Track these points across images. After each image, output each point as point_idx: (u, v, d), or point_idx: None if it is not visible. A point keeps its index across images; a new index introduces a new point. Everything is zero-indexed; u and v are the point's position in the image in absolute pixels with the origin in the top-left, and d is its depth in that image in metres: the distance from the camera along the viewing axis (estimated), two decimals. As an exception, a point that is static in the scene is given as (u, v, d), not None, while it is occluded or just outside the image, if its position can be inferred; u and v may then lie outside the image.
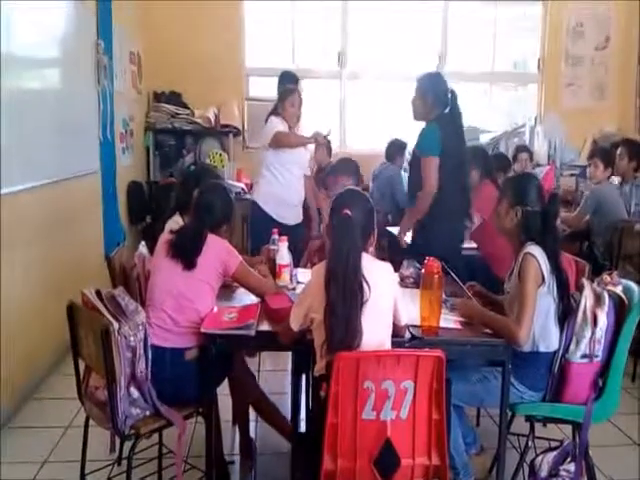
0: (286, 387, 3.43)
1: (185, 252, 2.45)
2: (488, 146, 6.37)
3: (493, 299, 2.69)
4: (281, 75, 5.01)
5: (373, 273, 2.02)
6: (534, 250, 2.34)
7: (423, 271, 2.37)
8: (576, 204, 5.11)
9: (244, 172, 6.24)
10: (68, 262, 4.02)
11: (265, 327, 2.33)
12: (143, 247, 2.92)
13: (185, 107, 6.28)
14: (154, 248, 2.61)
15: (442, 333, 2.31)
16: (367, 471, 1.88)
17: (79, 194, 4.34)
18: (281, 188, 4.21)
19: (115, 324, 2.06)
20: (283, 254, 2.86)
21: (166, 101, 6.25)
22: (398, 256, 3.19)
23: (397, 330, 2.17)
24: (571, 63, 6.94)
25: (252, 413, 2.87)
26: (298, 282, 2.85)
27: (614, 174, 4.79)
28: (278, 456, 2.93)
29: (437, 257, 2.43)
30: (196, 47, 6.31)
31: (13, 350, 3.23)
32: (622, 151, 4.73)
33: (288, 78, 4.94)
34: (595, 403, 2.35)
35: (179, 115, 6.20)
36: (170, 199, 3.10)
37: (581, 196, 5.28)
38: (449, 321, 2.39)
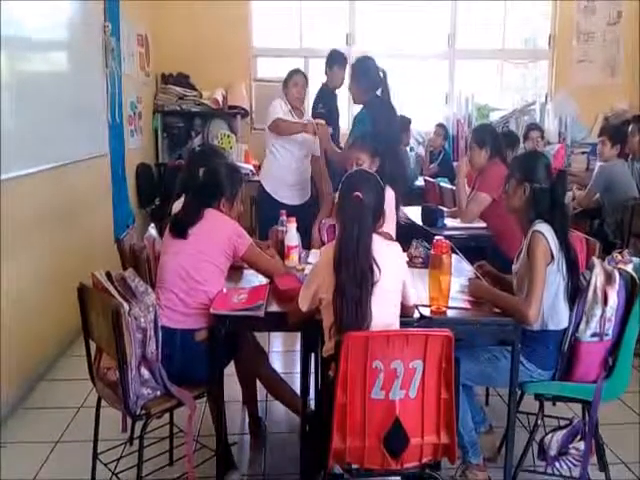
0: (295, 367, 3.45)
1: (178, 222, 2.49)
2: (498, 124, 6.33)
3: (502, 279, 2.67)
4: (329, 54, 4.92)
5: (382, 254, 2.02)
6: (542, 228, 2.33)
7: (432, 251, 2.36)
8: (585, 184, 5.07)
9: (252, 153, 6.23)
10: (78, 245, 4.04)
11: (274, 308, 2.33)
12: (152, 229, 2.93)
13: (193, 89, 6.26)
14: (163, 230, 2.62)
15: (451, 313, 2.31)
16: (376, 450, 1.89)
17: (88, 177, 4.35)
18: (279, 168, 4.22)
19: (126, 305, 2.07)
20: (291, 235, 2.86)
21: (174, 83, 6.23)
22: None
23: (405, 310, 2.17)
24: (582, 39, 6.82)
25: (260, 394, 2.89)
26: (307, 263, 2.86)
27: (626, 151, 4.74)
28: (287, 435, 2.95)
29: None
30: (203, 28, 6.28)
31: (25, 332, 3.27)
32: (633, 128, 4.69)
33: (335, 58, 4.85)
34: (605, 381, 2.34)
35: (187, 97, 6.19)
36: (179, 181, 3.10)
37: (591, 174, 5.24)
38: (458, 301, 2.39)
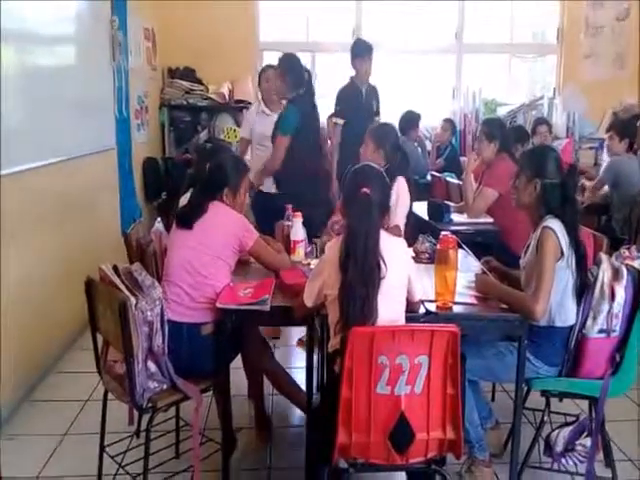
0: (300, 362, 3.46)
1: (184, 214, 2.51)
2: (505, 119, 6.29)
3: (509, 274, 2.66)
4: (353, 44, 4.74)
5: (388, 250, 2.01)
6: (553, 224, 2.31)
7: (438, 246, 2.36)
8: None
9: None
10: (85, 238, 4.05)
11: (280, 302, 2.33)
12: (159, 223, 2.94)
13: (199, 83, 6.25)
14: (170, 224, 2.63)
15: (457, 308, 2.31)
16: (381, 445, 1.88)
17: (95, 171, 4.35)
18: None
19: (132, 299, 2.08)
20: (297, 230, 2.86)
21: (180, 77, 6.23)
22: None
23: (411, 306, 2.17)
24: (591, 33, 6.77)
25: (266, 388, 2.89)
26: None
27: (635, 147, 4.71)
28: (293, 429, 2.96)
29: None
30: (210, 22, 6.25)
31: (32, 325, 3.28)
32: (642, 122, 4.66)
33: (359, 48, 4.67)
34: (611, 378, 2.33)
35: (194, 91, 6.17)
36: (185, 175, 3.11)
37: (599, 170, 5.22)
38: (464, 296, 2.38)
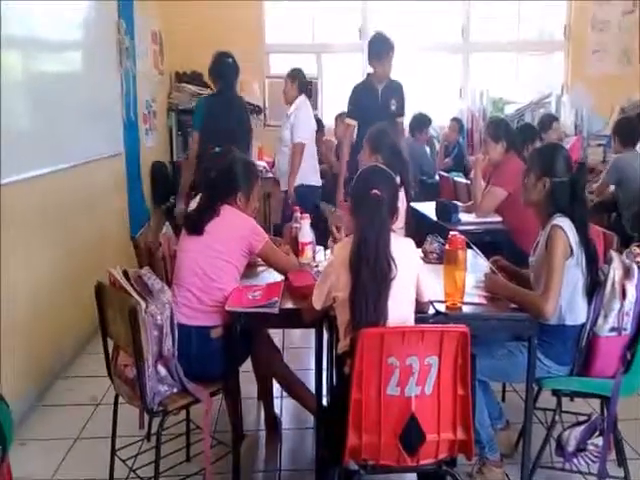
0: (310, 364, 3.45)
1: (193, 219, 2.52)
2: (513, 117, 6.27)
3: (518, 273, 2.65)
4: (372, 40, 4.51)
5: (397, 250, 2.01)
6: (562, 222, 2.30)
7: (447, 247, 2.35)
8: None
9: (265, 150, 6.21)
10: (94, 243, 4.07)
11: (289, 305, 2.34)
12: (168, 227, 2.95)
13: (207, 87, 6.23)
14: (175, 227, 2.64)
15: (467, 308, 2.30)
16: (392, 446, 1.88)
17: (104, 176, 4.38)
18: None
19: (142, 303, 2.09)
20: (305, 232, 2.86)
21: (188, 81, 6.26)
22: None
23: (420, 306, 2.16)
24: (598, 29, 6.73)
25: (276, 390, 2.89)
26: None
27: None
28: (303, 431, 2.96)
29: None
30: (216, 26, 6.27)
31: (43, 330, 3.30)
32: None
33: (379, 46, 4.41)
34: (623, 376, 2.32)
35: (201, 95, 6.18)
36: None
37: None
38: (474, 296, 2.37)
